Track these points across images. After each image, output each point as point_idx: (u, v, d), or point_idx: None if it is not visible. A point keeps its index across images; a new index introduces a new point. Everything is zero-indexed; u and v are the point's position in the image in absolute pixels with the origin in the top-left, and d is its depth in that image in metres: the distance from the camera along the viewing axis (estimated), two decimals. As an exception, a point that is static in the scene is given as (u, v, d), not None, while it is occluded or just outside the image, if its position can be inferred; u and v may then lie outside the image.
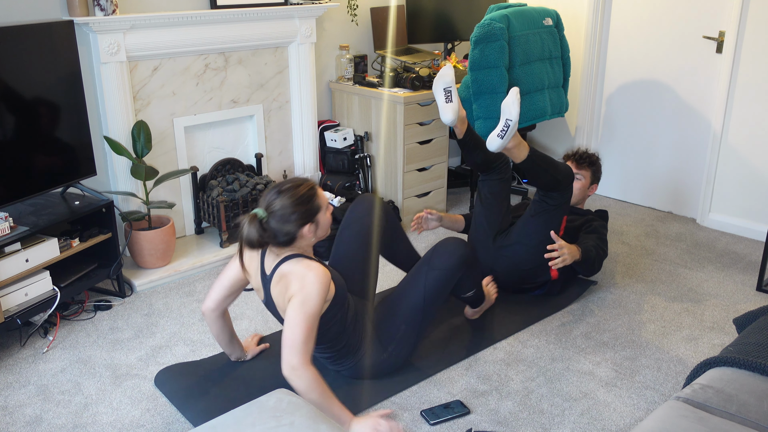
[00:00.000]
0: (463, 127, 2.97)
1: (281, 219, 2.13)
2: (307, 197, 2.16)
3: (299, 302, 2.07)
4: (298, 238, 2.18)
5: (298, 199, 2.14)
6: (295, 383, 2.02)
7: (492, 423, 2.28)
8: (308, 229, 2.17)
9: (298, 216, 2.14)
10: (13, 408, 2.36)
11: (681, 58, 3.96)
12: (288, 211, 2.12)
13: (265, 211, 2.14)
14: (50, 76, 2.85)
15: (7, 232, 2.62)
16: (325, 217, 2.24)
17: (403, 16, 4.27)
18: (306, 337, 2.05)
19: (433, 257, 2.48)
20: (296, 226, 2.14)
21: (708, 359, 1.99)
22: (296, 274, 2.12)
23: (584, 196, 3.34)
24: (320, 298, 2.09)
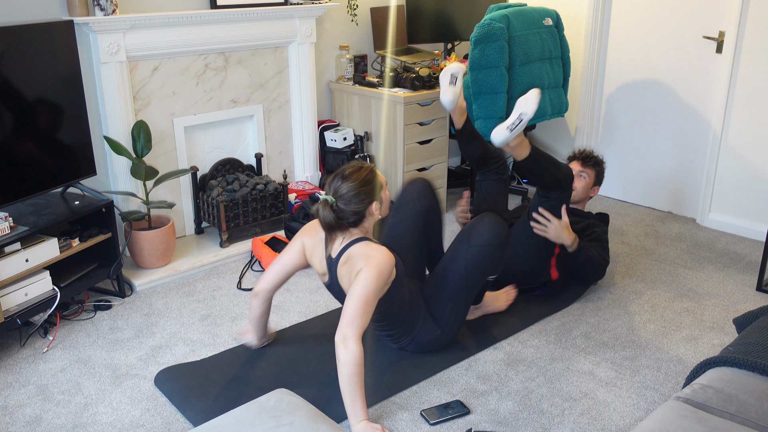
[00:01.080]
0: (462, 118, 3.02)
1: (350, 201, 2.30)
2: (369, 178, 2.35)
3: (364, 279, 2.22)
4: (367, 216, 2.36)
5: (361, 181, 2.32)
6: (340, 352, 2.14)
7: (492, 423, 2.28)
8: (375, 206, 2.36)
9: (364, 196, 2.32)
10: (13, 408, 2.36)
11: (681, 58, 3.96)
12: (354, 191, 2.30)
13: (333, 197, 2.31)
14: (50, 76, 2.85)
15: (7, 232, 2.62)
16: (386, 195, 2.43)
17: (403, 16, 4.27)
18: (363, 312, 2.19)
19: (473, 235, 2.54)
20: (364, 205, 2.32)
21: (708, 359, 1.99)
22: (363, 255, 2.28)
23: (586, 196, 3.34)
24: (382, 279, 2.25)
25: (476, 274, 2.54)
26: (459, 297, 2.57)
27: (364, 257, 2.27)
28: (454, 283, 2.54)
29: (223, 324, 2.91)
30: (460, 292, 2.56)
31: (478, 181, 3.19)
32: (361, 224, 2.36)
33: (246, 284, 3.28)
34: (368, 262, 2.25)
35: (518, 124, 2.67)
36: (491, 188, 3.12)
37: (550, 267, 3.02)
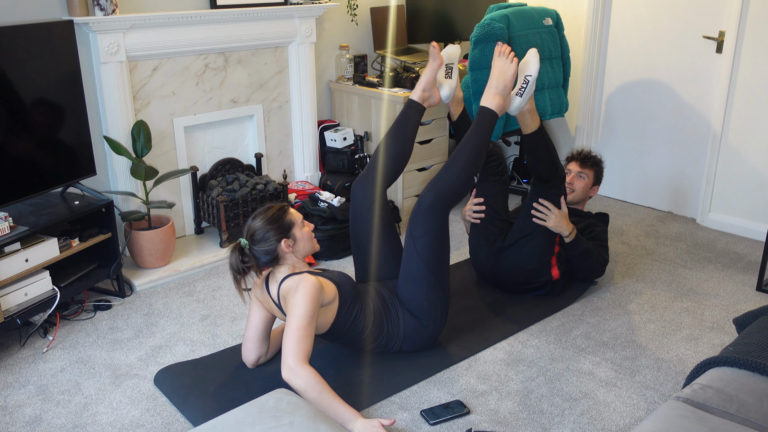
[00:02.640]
0: (459, 109, 3.06)
1: (259, 240, 2.34)
2: (277, 216, 2.38)
3: (292, 309, 2.25)
4: (280, 255, 2.37)
5: (269, 219, 2.36)
6: (293, 382, 2.15)
7: (492, 423, 2.28)
8: (285, 244, 2.36)
9: (272, 233, 2.34)
10: (13, 408, 2.36)
11: (681, 58, 3.95)
12: (262, 231, 2.34)
13: (246, 239, 2.35)
14: (50, 76, 2.85)
15: (7, 232, 2.62)
16: (302, 232, 2.42)
17: (403, 16, 4.27)
18: (302, 337, 2.20)
19: (412, 228, 2.55)
20: (273, 242, 2.34)
21: (708, 359, 1.99)
22: (291, 289, 2.31)
23: (586, 196, 3.35)
24: (311, 304, 2.25)
25: (434, 259, 2.54)
26: (430, 284, 2.54)
27: (292, 290, 2.29)
28: (419, 274, 2.53)
29: (223, 324, 2.91)
30: (429, 279, 2.53)
31: (477, 182, 3.19)
32: (280, 263, 2.38)
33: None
34: (293, 293, 2.27)
35: (526, 87, 2.73)
36: (491, 189, 3.12)
37: (551, 266, 3.02)
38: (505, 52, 2.67)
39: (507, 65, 2.66)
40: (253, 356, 2.51)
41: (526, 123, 2.87)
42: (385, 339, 2.56)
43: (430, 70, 2.78)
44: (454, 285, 3.21)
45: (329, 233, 3.52)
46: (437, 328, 2.63)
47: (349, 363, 2.59)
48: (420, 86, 2.78)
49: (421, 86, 2.78)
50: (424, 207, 2.51)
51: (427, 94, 2.79)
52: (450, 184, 2.53)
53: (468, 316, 2.94)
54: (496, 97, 2.63)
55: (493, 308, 3.02)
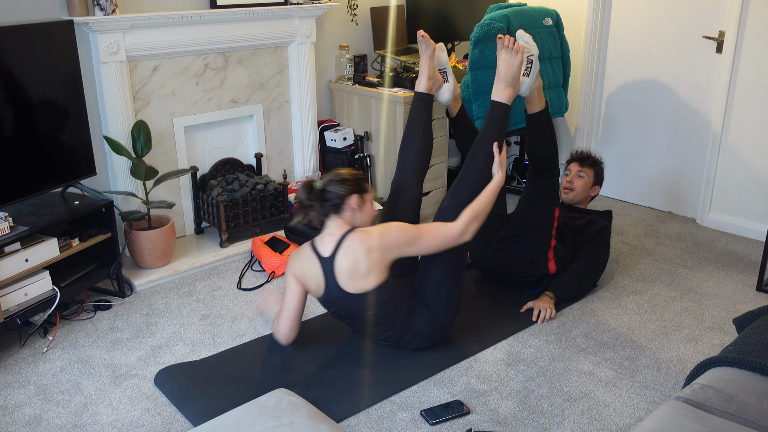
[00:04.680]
0: (458, 105, 3.11)
1: (333, 182, 2.45)
2: (360, 177, 2.51)
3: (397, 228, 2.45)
4: (345, 206, 2.45)
5: (352, 174, 2.50)
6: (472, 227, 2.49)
7: (492, 423, 2.28)
8: (356, 200, 2.46)
9: (350, 183, 2.46)
10: (13, 408, 2.36)
11: (681, 58, 3.95)
12: (341, 177, 2.46)
13: (322, 182, 2.46)
14: (50, 76, 2.85)
15: (7, 231, 2.62)
16: (371, 204, 2.53)
17: (403, 16, 4.26)
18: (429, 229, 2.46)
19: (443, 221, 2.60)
20: (347, 191, 2.44)
21: (708, 359, 1.99)
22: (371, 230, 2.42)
23: (587, 196, 3.37)
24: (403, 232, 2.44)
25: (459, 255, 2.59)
26: (452, 277, 2.60)
27: (377, 229, 2.41)
28: (443, 268, 2.58)
29: (223, 324, 2.91)
30: (452, 272, 2.60)
31: None
32: (340, 213, 2.46)
33: (246, 284, 3.28)
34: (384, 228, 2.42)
35: (531, 66, 2.78)
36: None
37: (547, 260, 3.03)
38: (509, 44, 2.68)
39: (513, 56, 2.68)
40: (294, 334, 2.59)
41: (534, 102, 2.93)
42: (399, 332, 2.57)
43: (427, 58, 2.82)
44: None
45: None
46: (449, 323, 2.66)
47: (350, 363, 2.59)
48: (424, 77, 2.83)
49: (425, 76, 2.83)
50: (457, 204, 2.58)
51: (431, 82, 2.84)
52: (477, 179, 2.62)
53: (468, 316, 2.94)
54: (507, 90, 2.67)
55: (493, 308, 3.02)
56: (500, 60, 2.70)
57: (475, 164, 2.65)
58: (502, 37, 2.69)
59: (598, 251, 3.15)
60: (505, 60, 2.69)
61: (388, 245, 2.40)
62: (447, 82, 2.94)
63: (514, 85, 2.69)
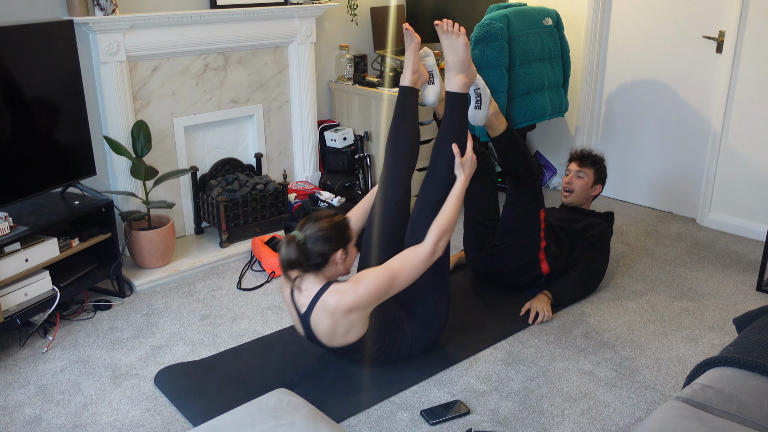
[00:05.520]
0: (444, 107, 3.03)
1: (318, 240, 2.30)
2: (342, 224, 2.37)
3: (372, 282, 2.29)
4: (330, 263, 2.34)
5: (334, 224, 2.34)
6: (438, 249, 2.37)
7: (492, 423, 2.28)
8: (340, 254, 2.34)
9: (334, 239, 2.32)
10: (13, 408, 2.36)
11: (681, 58, 3.95)
12: (324, 233, 2.30)
13: (302, 234, 2.30)
14: (50, 76, 2.85)
15: (7, 232, 2.62)
16: (353, 251, 2.42)
17: (403, 16, 4.26)
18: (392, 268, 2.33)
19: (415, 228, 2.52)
20: (331, 248, 2.31)
21: (708, 359, 1.99)
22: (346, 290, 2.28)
23: (588, 196, 3.34)
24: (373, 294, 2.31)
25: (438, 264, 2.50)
26: (435, 282, 2.53)
27: (349, 283, 2.29)
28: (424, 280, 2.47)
29: (223, 324, 2.91)
30: (434, 277, 2.52)
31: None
32: (323, 269, 2.34)
33: (246, 284, 3.28)
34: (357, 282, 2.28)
35: (481, 98, 2.73)
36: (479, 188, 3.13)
37: (539, 261, 3.03)
38: (448, 28, 2.56)
39: (455, 40, 2.55)
40: None
41: (494, 127, 2.88)
42: (394, 350, 2.52)
43: (412, 52, 2.70)
44: (453, 285, 3.20)
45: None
46: (441, 327, 2.62)
47: (350, 363, 2.59)
48: (408, 70, 2.70)
49: (410, 70, 2.70)
50: (428, 205, 2.51)
51: (416, 75, 2.71)
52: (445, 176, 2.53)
53: (468, 316, 2.94)
54: (458, 77, 2.56)
55: (493, 308, 3.02)
56: (444, 47, 2.58)
57: (440, 162, 2.55)
58: (439, 22, 2.57)
59: (597, 258, 3.14)
60: (449, 46, 2.56)
61: (365, 303, 2.28)
62: (433, 84, 2.88)
63: (466, 71, 2.56)
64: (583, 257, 3.10)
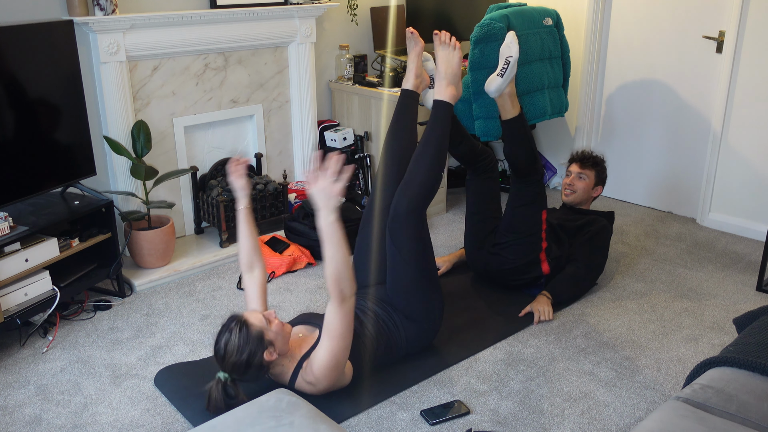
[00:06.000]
0: None
1: (242, 369, 2.16)
2: (245, 337, 2.15)
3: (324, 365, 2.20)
4: (269, 367, 2.24)
5: (240, 345, 2.14)
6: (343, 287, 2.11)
7: (492, 423, 2.28)
8: (268, 354, 2.19)
9: (252, 356, 2.15)
10: (13, 408, 2.36)
11: (681, 58, 3.95)
12: (243, 360, 2.14)
13: (224, 372, 2.18)
14: (50, 76, 2.85)
15: (7, 231, 2.62)
16: (274, 331, 2.21)
17: (403, 16, 4.26)
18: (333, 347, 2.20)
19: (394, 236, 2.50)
20: (258, 362, 2.17)
21: (708, 359, 1.99)
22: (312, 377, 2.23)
23: (589, 197, 3.35)
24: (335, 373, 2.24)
25: (422, 261, 2.50)
26: (423, 287, 2.53)
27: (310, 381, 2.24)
28: (411, 281, 2.49)
29: (223, 324, 2.91)
30: (422, 282, 2.52)
31: (467, 181, 3.21)
32: (272, 368, 2.27)
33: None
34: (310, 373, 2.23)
35: (507, 68, 2.76)
36: (481, 187, 3.13)
37: (540, 261, 3.03)
38: (446, 40, 2.63)
39: (451, 53, 2.62)
40: None
41: (506, 107, 2.89)
42: (392, 350, 2.52)
43: (415, 55, 2.75)
44: (452, 285, 3.21)
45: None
46: (436, 326, 2.62)
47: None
48: (411, 74, 2.74)
49: (413, 74, 2.74)
50: (402, 213, 2.47)
51: (419, 80, 2.76)
52: (420, 184, 2.50)
53: (467, 316, 2.94)
54: (448, 88, 2.61)
55: (493, 308, 3.02)
56: (438, 57, 2.64)
57: (418, 171, 2.52)
58: (438, 32, 2.64)
59: (595, 253, 3.14)
60: (444, 57, 2.63)
61: (334, 378, 2.24)
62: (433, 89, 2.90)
63: (456, 83, 2.62)
64: (581, 251, 3.10)
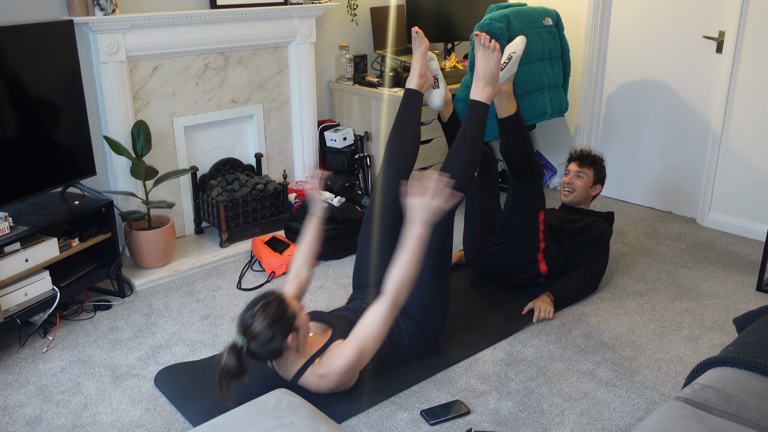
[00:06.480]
0: (449, 110, 3.07)
1: (264, 342, 2.15)
2: (280, 312, 2.17)
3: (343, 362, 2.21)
4: (284, 351, 2.23)
5: (273, 318, 2.15)
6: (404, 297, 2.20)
7: (492, 423, 2.28)
8: (292, 338, 2.20)
9: (279, 332, 2.16)
10: (13, 408, 2.36)
11: (681, 58, 3.95)
12: (267, 332, 2.14)
13: (244, 337, 2.15)
14: (50, 76, 2.85)
15: (7, 231, 2.62)
16: (303, 319, 2.24)
17: (403, 16, 4.26)
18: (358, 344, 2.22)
19: None
20: (280, 341, 2.17)
21: (708, 359, 1.99)
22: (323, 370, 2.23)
23: (587, 195, 3.35)
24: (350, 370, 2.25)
25: (440, 257, 2.51)
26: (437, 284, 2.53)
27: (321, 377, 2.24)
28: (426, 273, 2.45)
29: (223, 324, 2.91)
30: (436, 279, 2.52)
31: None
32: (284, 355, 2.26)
33: (246, 284, 3.28)
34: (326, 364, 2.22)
35: (508, 63, 2.77)
36: (481, 187, 3.13)
37: (538, 262, 3.03)
38: (485, 42, 2.65)
39: (490, 54, 2.64)
40: None
41: (502, 106, 2.88)
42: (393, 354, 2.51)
43: (420, 55, 2.77)
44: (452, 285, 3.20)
45: (329, 233, 3.52)
46: (439, 329, 2.62)
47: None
48: (416, 74, 2.77)
49: (417, 73, 2.77)
50: None
51: (423, 79, 2.79)
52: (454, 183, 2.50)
53: (468, 316, 2.94)
54: (485, 89, 2.63)
55: (493, 308, 3.02)
56: (477, 58, 2.66)
57: (452, 168, 2.53)
58: (479, 34, 2.66)
59: (598, 257, 3.13)
60: (483, 58, 2.64)
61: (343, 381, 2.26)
62: (438, 88, 2.91)
63: (493, 84, 2.65)
64: (583, 257, 3.10)
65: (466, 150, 2.58)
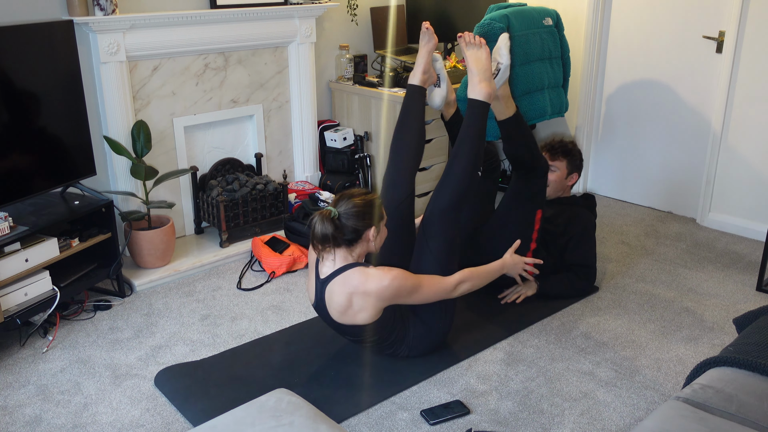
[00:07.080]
0: (451, 110, 3.06)
1: (352, 216, 2.32)
2: (375, 203, 2.39)
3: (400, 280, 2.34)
4: (362, 239, 2.36)
5: (367, 202, 2.36)
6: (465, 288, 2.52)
7: (492, 423, 2.28)
8: (372, 232, 2.36)
9: (367, 216, 2.34)
10: (13, 408, 2.36)
11: (681, 58, 3.95)
12: (358, 210, 2.33)
13: (337, 210, 2.33)
14: (50, 75, 2.85)
15: (7, 231, 2.62)
16: (384, 230, 2.44)
17: (403, 16, 4.26)
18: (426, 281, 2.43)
19: (427, 228, 2.55)
20: (364, 225, 2.33)
21: (708, 359, 1.99)
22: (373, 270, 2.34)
23: (563, 187, 3.29)
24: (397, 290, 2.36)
25: (447, 258, 2.54)
26: None
27: (368, 275, 2.31)
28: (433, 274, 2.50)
29: (223, 324, 2.91)
30: None
31: None
32: (355, 246, 2.36)
33: (246, 284, 3.28)
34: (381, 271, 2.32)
35: (498, 74, 2.76)
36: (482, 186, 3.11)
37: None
38: (470, 40, 2.66)
39: (478, 51, 2.65)
40: None
41: (500, 109, 2.87)
42: (395, 346, 2.54)
43: (426, 52, 2.76)
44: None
45: None
46: (443, 334, 2.62)
47: (350, 363, 2.59)
48: (419, 69, 2.76)
49: (421, 69, 2.76)
50: (438, 210, 2.54)
51: (426, 76, 2.78)
52: (457, 182, 2.55)
53: (468, 316, 2.94)
54: (482, 85, 2.61)
55: (493, 308, 3.02)
56: (468, 57, 2.67)
57: (455, 168, 2.57)
58: (462, 35, 2.67)
59: (585, 255, 3.12)
60: (472, 56, 2.65)
61: (384, 296, 2.32)
62: (439, 88, 2.90)
63: (489, 80, 2.64)
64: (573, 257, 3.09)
65: (468, 150, 2.58)
